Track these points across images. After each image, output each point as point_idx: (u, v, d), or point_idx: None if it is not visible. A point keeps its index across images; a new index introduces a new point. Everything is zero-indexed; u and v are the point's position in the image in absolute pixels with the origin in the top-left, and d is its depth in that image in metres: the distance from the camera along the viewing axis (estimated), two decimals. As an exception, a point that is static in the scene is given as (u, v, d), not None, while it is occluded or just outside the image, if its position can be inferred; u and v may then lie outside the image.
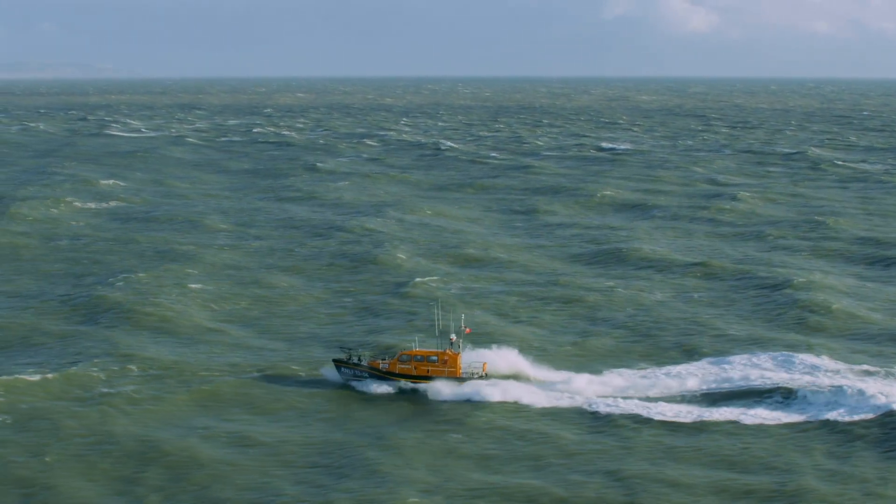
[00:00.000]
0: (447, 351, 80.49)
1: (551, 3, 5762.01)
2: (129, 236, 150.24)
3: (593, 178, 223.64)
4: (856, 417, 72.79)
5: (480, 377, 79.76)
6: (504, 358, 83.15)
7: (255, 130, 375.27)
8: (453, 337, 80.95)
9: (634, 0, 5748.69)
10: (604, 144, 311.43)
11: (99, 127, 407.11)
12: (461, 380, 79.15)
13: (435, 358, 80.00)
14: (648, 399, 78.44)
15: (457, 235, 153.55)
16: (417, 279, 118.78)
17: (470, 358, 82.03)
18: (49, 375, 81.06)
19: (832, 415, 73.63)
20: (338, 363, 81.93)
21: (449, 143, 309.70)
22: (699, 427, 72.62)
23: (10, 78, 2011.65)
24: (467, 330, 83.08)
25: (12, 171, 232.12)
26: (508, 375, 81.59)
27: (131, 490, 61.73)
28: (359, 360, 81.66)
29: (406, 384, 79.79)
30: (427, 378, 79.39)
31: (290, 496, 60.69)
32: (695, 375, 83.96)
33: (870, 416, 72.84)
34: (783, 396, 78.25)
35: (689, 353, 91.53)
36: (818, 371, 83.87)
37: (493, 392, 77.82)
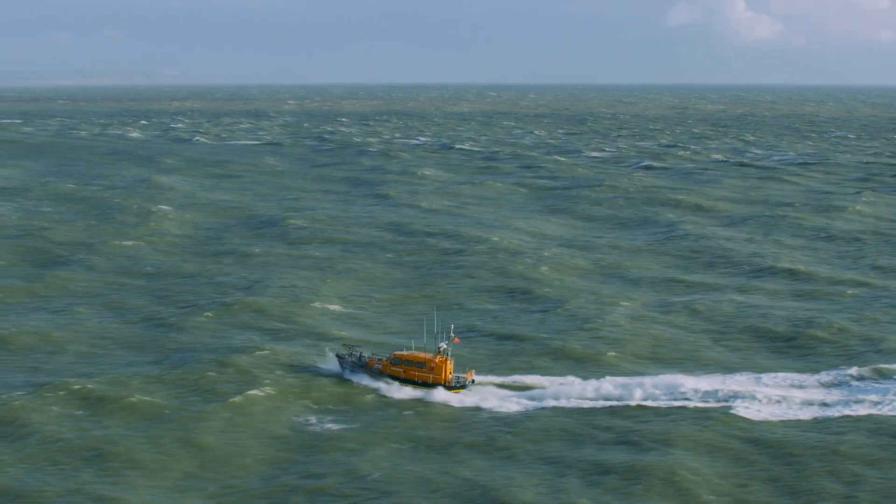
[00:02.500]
0: (436, 358, 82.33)
1: (615, 11, 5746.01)
2: (267, 246, 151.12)
3: (707, 189, 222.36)
4: None
5: (463, 385, 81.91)
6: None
7: (355, 139, 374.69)
8: (442, 345, 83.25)
9: (699, 8, 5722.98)
10: (715, 156, 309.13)
11: (189, 134, 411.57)
12: (446, 386, 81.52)
13: (423, 364, 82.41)
14: None
15: (602, 251, 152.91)
16: (595, 303, 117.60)
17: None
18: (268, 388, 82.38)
19: None
20: (340, 358, 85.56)
21: (557, 157, 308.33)
22: None
23: (76, 84, 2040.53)
24: (456, 339, 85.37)
25: (125, 181, 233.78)
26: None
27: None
28: (359, 357, 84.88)
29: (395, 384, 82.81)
30: (412, 382, 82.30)
31: None
32: None
33: None
34: None
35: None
36: None
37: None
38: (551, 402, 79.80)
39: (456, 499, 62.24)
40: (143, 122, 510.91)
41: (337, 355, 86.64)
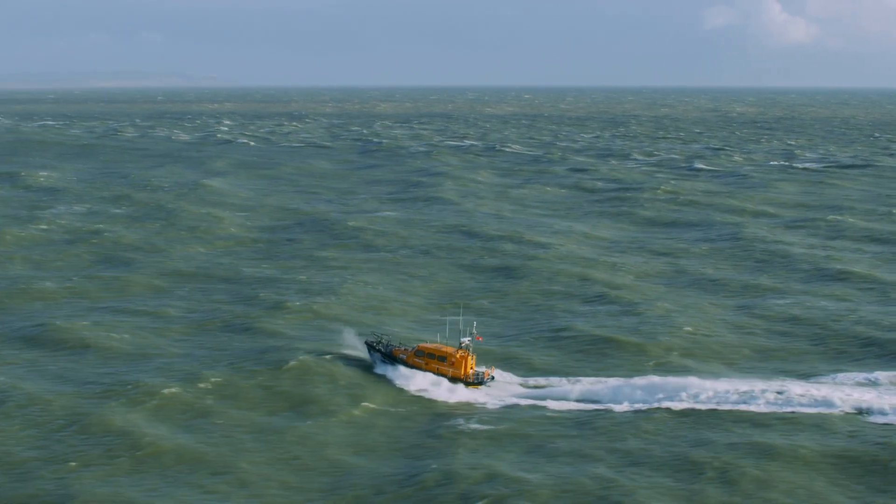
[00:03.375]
0: (458, 353, 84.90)
1: (650, 14, 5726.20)
2: (340, 249, 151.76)
3: (766, 192, 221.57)
4: None
5: (482, 382, 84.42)
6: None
7: (401, 142, 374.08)
8: (465, 341, 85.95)
9: (735, 11, 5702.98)
10: (766, 159, 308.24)
11: (233, 136, 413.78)
12: (464, 381, 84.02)
13: (444, 357, 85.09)
14: None
15: (677, 256, 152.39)
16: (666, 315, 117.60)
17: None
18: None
19: None
20: (369, 346, 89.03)
21: (609, 160, 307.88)
22: None
23: (114, 86, 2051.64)
24: (478, 338, 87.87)
25: (181, 183, 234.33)
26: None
27: None
28: (386, 346, 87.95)
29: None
30: (432, 374, 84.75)
31: None
32: None
33: None
34: None
35: None
36: None
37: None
38: (670, 404, 79.59)
39: (597, 500, 62.49)
40: (187, 124, 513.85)
41: (366, 342, 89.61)
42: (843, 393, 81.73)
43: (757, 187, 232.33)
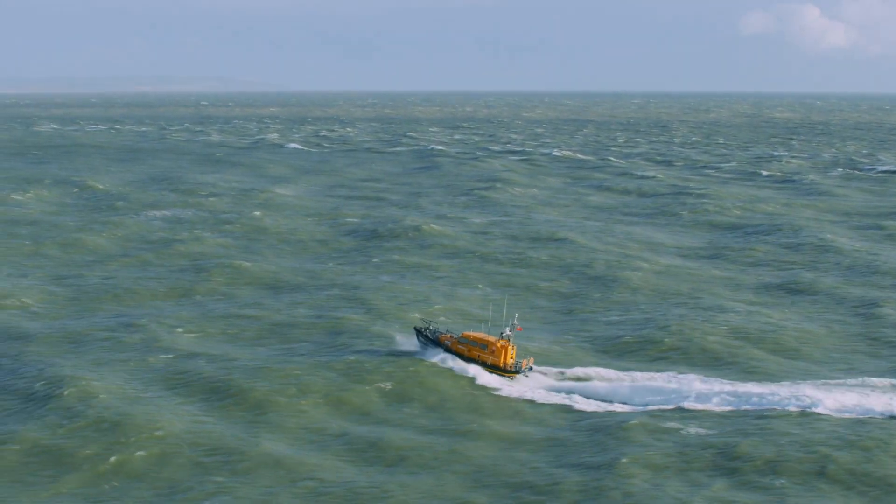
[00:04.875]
0: (499, 342, 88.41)
1: (686, 20, 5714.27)
2: (426, 257, 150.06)
3: (833, 200, 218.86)
4: None
5: (518, 371, 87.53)
6: None
7: (453, 147, 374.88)
8: (506, 331, 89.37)
9: (772, 16, 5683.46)
10: (825, 165, 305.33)
11: (284, 140, 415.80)
12: (503, 370, 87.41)
13: (485, 346, 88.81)
14: None
15: (764, 266, 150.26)
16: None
17: None
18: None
19: None
20: (417, 331, 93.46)
21: (673, 164, 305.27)
22: None
23: (156, 90, 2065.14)
24: (518, 328, 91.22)
25: (242, 188, 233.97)
26: None
27: None
28: (434, 332, 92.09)
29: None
30: (473, 361, 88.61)
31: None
32: None
33: None
34: None
35: None
36: None
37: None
38: (818, 410, 77.87)
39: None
40: (237, 128, 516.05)
41: (415, 328, 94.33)
42: None
43: (831, 194, 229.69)
